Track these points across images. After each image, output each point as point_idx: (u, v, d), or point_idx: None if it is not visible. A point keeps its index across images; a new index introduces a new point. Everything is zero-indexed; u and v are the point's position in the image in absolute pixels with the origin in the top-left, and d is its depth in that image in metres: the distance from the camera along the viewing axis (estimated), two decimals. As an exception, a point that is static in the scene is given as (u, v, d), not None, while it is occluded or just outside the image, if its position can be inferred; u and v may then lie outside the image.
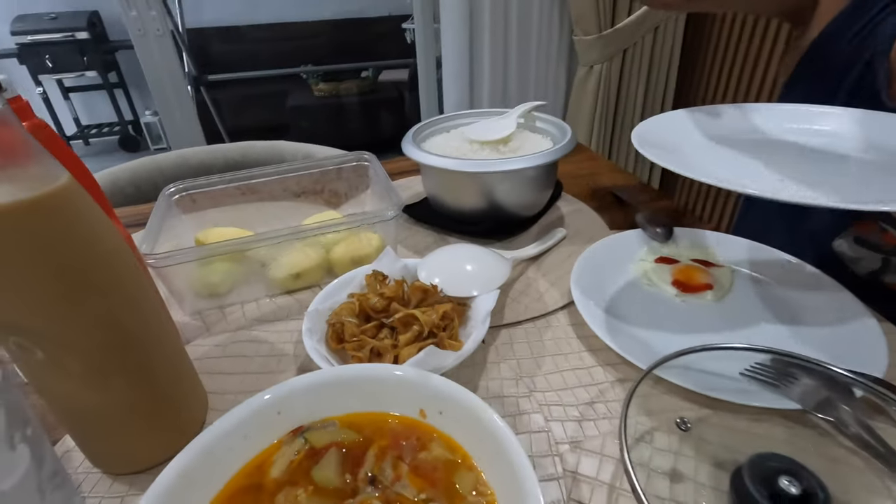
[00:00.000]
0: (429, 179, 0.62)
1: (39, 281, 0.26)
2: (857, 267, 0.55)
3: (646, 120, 0.47)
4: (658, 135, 0.44)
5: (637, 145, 0.39)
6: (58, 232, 0.26)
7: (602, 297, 0.49)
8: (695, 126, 0.48)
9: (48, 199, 0.26)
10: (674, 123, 0.47)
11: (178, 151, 0.92)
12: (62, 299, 0.26)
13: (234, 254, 0.50)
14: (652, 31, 1.45)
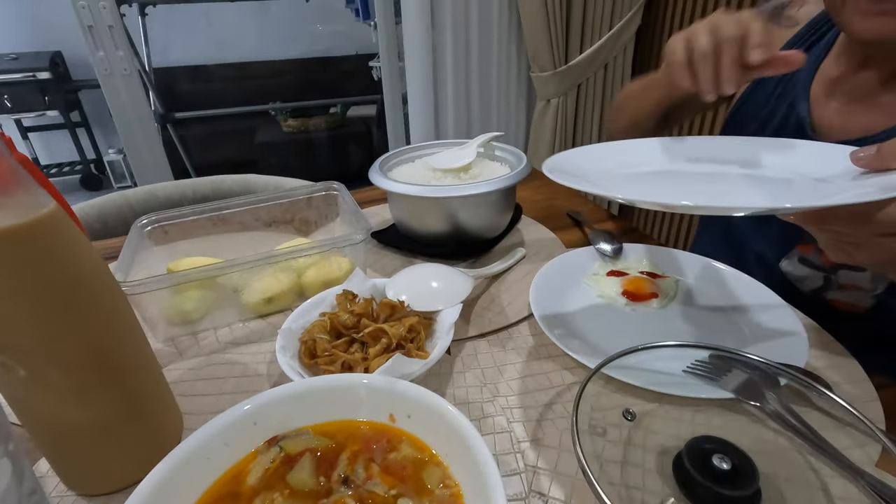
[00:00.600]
0: (395, 206, 0.66)
1: (27, 301, 0.27)
2: (803, 285, 0.60)
3: (557, 154, 0.49)
4: (569, 164, 0.46)
5: (547, 172, 0.40)
6: (45, 256, 0.28)
7: (559, 309, 0.52)
8: (602, 157, 0.50)
9: (36, 226, 0.28)
10: (584, 156, 0.49)
11: (147, 186, 0.93)
12: (48, 318, 0.28)
13: (207, 280, 0.51)
14: (602, 68, 1.56)
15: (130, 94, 1.51)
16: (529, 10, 1.39)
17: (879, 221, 0.30)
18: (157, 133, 1.71)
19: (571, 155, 0.48)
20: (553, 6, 1.38)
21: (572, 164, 0.45)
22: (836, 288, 0.56)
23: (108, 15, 1.36)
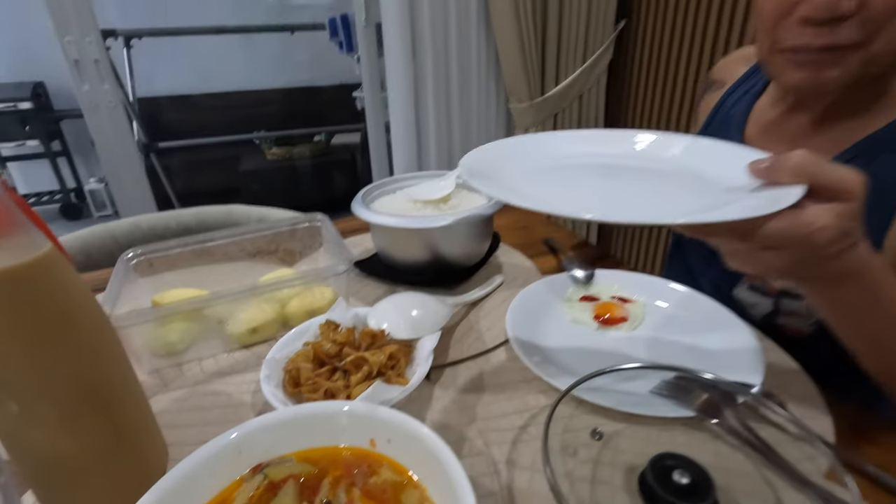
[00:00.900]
0: (377, 236, 0.68)
1: (23, 339, 0.29)
2: (755, 311, 0.63)
3: (473, 150, 0.47)
4: (486, 164, 0.44)
5: (466, 176, 0.39)
6: (41, 295, 0.29)
7: (534, 334, 0.55)
8: (522, 152, 0.48)
9: (34, 267, 0.29)
10: (502, 151, 0.48)
11: (131, 218, 0.94)
12: (41, 354, 0.29)
13: (193, 312, 0.53)
14: (577, 99, 1.63)
15: (115, 126, 1.53)
16: (506, 45, 1.45)
17: (760, 236, 0.32)
18: (140, 162, 1.72)
19: (493, 148, 0.48)
20: (528, 41, 1.45)
21: (491, 160, 0.45)
22: (784, 314, 0.60)
23: (94, 49, 1.38)
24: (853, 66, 0.45)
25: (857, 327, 0.42)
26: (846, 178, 0.32)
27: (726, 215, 0.30)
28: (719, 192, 0.37)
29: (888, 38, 0.43)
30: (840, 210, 0.31)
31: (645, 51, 1.57)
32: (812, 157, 0.32)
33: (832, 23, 0.43)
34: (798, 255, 0.33)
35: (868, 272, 0.36)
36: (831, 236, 0.31)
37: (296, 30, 3.03)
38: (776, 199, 0.31)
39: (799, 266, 0.34)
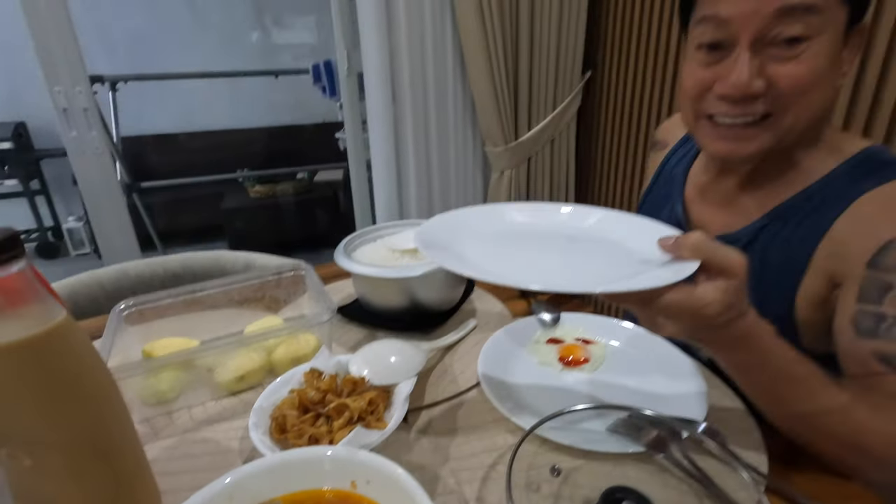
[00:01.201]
0: (358, 284, 0.73)
1: (40, 399, 0.32)
2: (701, 353, 0.68)
3: (429, 220, 0.51)
4: (440, 233, 0.49)
5: (421, 247, 0.43)
6: (57, 359, 0.33)
7: (504, 376, 0.59)
8: (473, 223, 0.53)
9: (51, 335, 0.33)
10: (455, 221, 0.52)
11: (117, 265, 0.97)
12: (55, 413, 0.33)
13: (183, 362, 0.56)
14: (549, 143, 1.73)
15: (100, 169, 1.56)
16: (481, 94, 1.55)
17: (660, 306, 0.37)
18: (123, 202, 1.74)
19: (446, 218, 0.52)
20: (501, 90, 1.55)
21: (445, 228, 0.50)
22: None
23: (83, 98, 1.43)
24: (767, 138, 0.52)
25: (751, 383, 0.48)
26: (732, 258, 0.38)
27: (633, 286, 0.36)
28: (636, 262, 0.43)
29: (795, 114, 0.51)
30: (725, 287, 0.37)
31: (610, 99, 1.68)
32: (706, 239, 0.39)
33: (745, 101, 0.50)
34: (692, 324, 0.39)
35: (756, 338, 0.42)
36: (718, 310, 0.37)
37: (280, 74, 3.13)
38: (677, 272, 0.38)
39: (694, 332, 0.41)
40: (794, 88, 0.49)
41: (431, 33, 1.50)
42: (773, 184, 0.57)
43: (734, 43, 0.50)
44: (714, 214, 0.63)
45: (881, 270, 0.48)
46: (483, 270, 0.40)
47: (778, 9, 0.46)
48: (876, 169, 0.51)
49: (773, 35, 0.48)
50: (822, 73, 0.49)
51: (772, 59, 0.49)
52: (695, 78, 0.54)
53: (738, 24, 0.48)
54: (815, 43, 0.48)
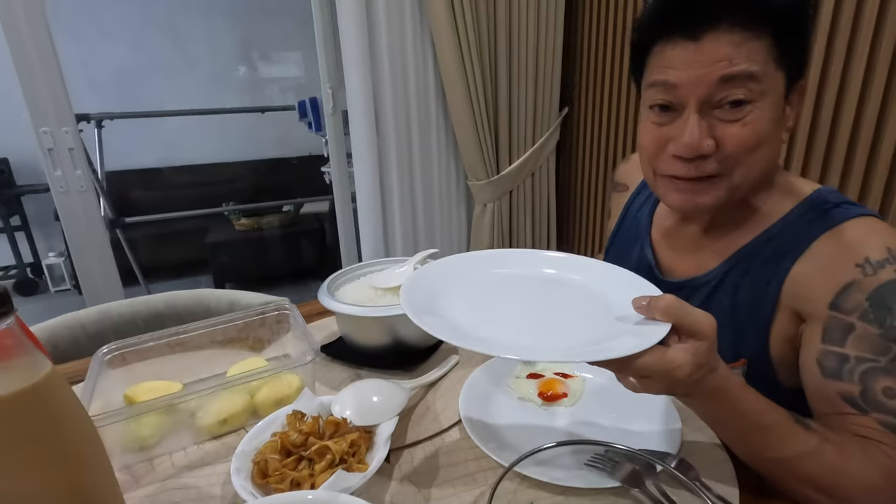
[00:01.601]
0: (342, 322, 0.74)
1: (24, 451, 0.33)
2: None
3: (411, 279, 0.50)
4: (426, 291, 0.49)
5: (412, 316, 0.43)
6: (43, 413, 0.34)
7: (484, 413, 0.60)
8: (457, 274, 0.53)
9: (38, 388, 0.34)
10: (438, 274, 0.53)
11: (100, 306, 0.97)
12: (38, 465, 0.33)
13: (165, 406, 0.56)
14: (530, 176, 1.78)
15: (83, 206, 1.56)
16: (462, 128, 1.60)
17: (633, 368, 0.39)
18: (106, 238, 1.73)
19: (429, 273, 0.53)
20: (482, 124, 1.60)
21: (428, 284, 0.50)
22: None
23: (69, 138, 1.44)
24: (720, 193, 0.55)
25: (725, 432, 0.51)
26: (701, 321, 0.41)
27: (607, 355, 0.39)
28: (614, 320, 0.45)
29: (744, 170, 0.54)
30: (695, 349, 0.40)
31: (587, 134, 1.75)
32: (677, 302, 0.41)
33: (697, 159, 0.54)
34: (665, 383, 0.41)
35: (728, 390, 0.45)
36: (688, 371, 0.40)
37: (266, 111, 3.17)
38: (647, 337, 0.40)
39: (668, 390, 0.43)
40: (741, 148, 0.53)
41: (413, 72, 1.56)
42: (735, 227, 0.61)
43: (683, 105, 0.53)
44: (682, 258, 0.66)
45: (842, 312, 0.50)
46: (470, 339, 0.41)
47: (721, 76, 0.50)
48: (828, 210, 0.55)
49: (719, 99, 0.52)
50: (766, 134, 0.52)
51: (719, 121, 0.53)
52: (650, 137, 0.57)
53: (685, 89, 0.52)
54: (758, 107, 0.51)
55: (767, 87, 0.51)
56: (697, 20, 0.50)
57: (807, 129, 1.08)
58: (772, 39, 0.50)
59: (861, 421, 0.48)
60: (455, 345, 0.41)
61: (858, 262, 0.50)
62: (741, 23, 0.49)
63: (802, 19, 0.51)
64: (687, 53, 0.51)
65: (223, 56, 3.24)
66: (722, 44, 0.50)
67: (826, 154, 1.06)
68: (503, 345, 0.42)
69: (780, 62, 0.51)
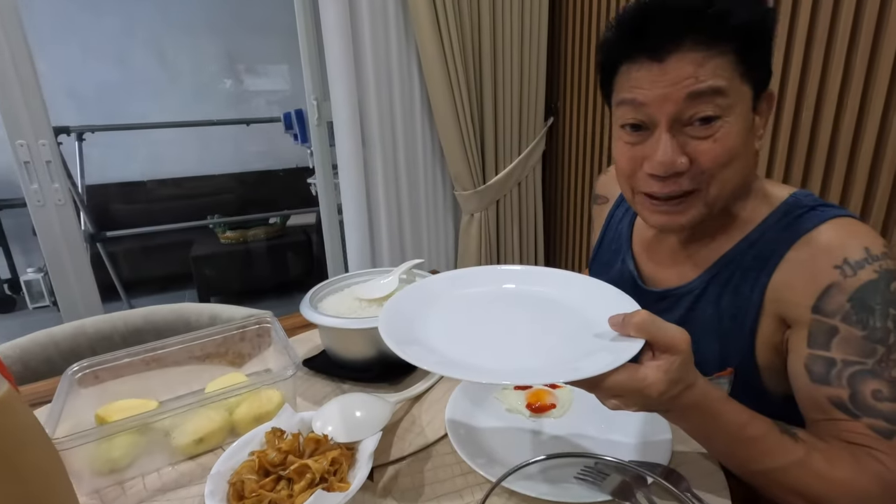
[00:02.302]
0: (324, 335, 0.72)
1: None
2: None
3: (387, 305, 0.49)
4: (406, 316, 0.48)
5: (394, 347, 0.41)
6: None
7: (472, 426, 0.59)
8: (435, 296, 0.53)
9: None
10: (417, 297, 0.52)
11: (75, 322, 0.94)
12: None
13: (138, 426, 0.54)
14: (517, 186, 1.78)
15: (61, 220, 1.52)
16: (448, 138, 1.59)
17: (605, 387, 0.39)
18: (85, 254, 1.69)
19: (402, 298, 0.51)
20: (467, 134, 1.60)
21: (405, 309, 0.49)
22: None
23: (46, 151, 1.41)
24: (698, 209, 0.55)
25: (711, 447, 0.50)
26: (674, 336, 0.40)
27: (578, 375, 0.38)
28: (591, 336, 0.44)
29: (719, 185, 0.54)
30: (668, 366, 0.39)
31: (572, 144, 1.76)
32: (650, 317, 0.40)
33: (672, 176, 0.53)
34: (639, 402, 0.41)
35: (708, 405, 0.44)
36: (662, 388, 0.39)
37: (252, 123, 3.15)
38: (620, 354, 0.39)
39: (644, 408, 0.42)
40: (714, 164, 0.53)
41: (399, 82, 1.55)
42: (715, 236, 0.60)
43: (654, 124, 0.53)
44: (664, 268, 0.66)
45: (825, 315, 0.50)
46: (451, 367, 0.41)
47: (689, 93, 0.50)
48: (804, 214, 0.55)
49: (689, 116, 0.51)
50: (737, 147, 0.52)
51: (690, 138, 0.52)
52: (625, 157, 0.57)
53: (654, 107, 0.52)
54: (727, 121, 0.51)
55: (734, 101, 0.51)
56: (660, 41, 0.50)
57: (788, 134, 1.09)
58: (735, 55, 0.50)
59: (852, 427, 0.48)
60: (440, 374, 0.41)
61: (837, 264, 0.50)
62: (703, 41, 0.49)
63: (763, 34, 0.52)
64: (652, 74, 0.51)
65: (209, 69, 3.22)
66: (686, 62, 0.50)
67: (807, 158, 1.07)
68: (478, 370, 0.41)
69: (745, 76, 0.51)
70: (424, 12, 1.44)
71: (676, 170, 0.52)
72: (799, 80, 1.05)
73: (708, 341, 0.60)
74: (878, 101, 0.94)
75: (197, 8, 3.05)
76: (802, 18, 1.02)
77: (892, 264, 0.50)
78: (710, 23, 0.49)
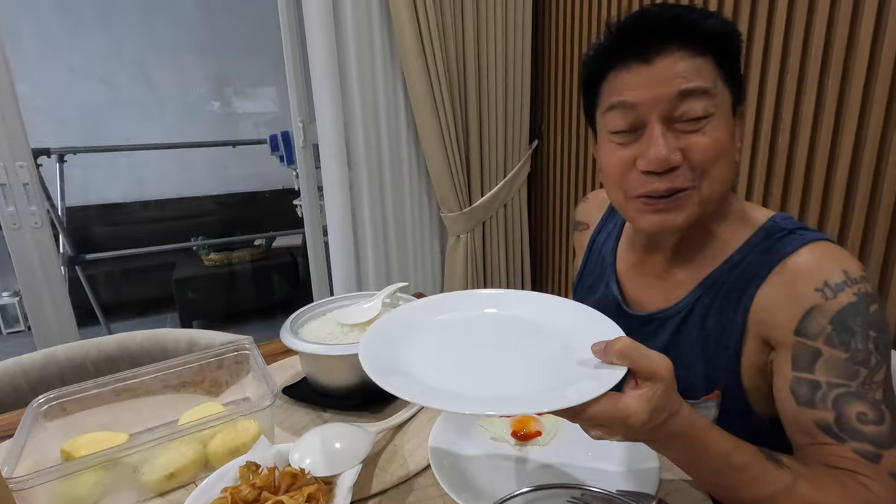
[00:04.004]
0: (305, 363, 0.70)
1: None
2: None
3: (368, 335, 0.48)
4: (387, 344, 0.47)
5: (377, 379, 0.41)
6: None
7: (456, 457, 0.57)
8: (416, 321, 0.52)
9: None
10: (398, 324, 0.51)
11: (45, 350, 0.90)
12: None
13: (106, 461, 0.51)
14: (503, 207, 1.79)
15: (37, 243, 1.48)
16: (434, 160, 1.60)
17: (586, 417, 0.38)
18: (61, 278, 1.65)
19: (380, 327, 0.51)
20: (453, 157, 1.61)
21: (385, 336, 0.49)
22: None
23: (24, 173, 1.39)
24: (693, 209, 0.55)
25: (696, 474, 0.49)
26: (657, 363, 0.40)
27: (559, 405, 0.37)
28: (573, 363, 0.43)
29: (712, 180, 0.54)
30: (651, 395, 0.39)
31: (557, 166, 1.78)
32: (632, 344, 0.40)
33: (667, 172, 0.54)
34: (622, 432, 0.40)
35: (692, 434, 0.43)
36: (644, 418, 0.38)
37: (238, 145, 3.15)
38: (602, 382, 0.39)
39: (628, 438, 0.41)
40: (706, 157, 0.53)
41: (384, 105, 1.56)
42: (698, 257, 0.61)
43: (645, 124, 0.54)
44: (649, 291, 0.66)
45: (807, 338, 0.50)
46: (436, 397, 0.40)
47: (679, 92, 0.52)
48: (784, 237, 0.55)
49: (679, 114, 0.53)
50: (724, 144, 0.54)
51: (681, 133, 0.54)
52: (615, 158, 0.57)
53: (645, 107, 0.53)
54: (714, 119, 0.53)
55: (719, 102, 0.53)
56: (648, 43, 0.53)
57: (765, 158, 1.11)
58: (714, 60, 0.53)
59: (839, 451, 0.47)
60: (424, 405, 0.41)
61: (818, 287, 0.50)
62: (687, 46, 0.52)
63: (734, 46, 0.55)
64: (641, 75, 0.53)
65: (196, 91, 3.22)
66: (673, 62, 0.52)
67: (785, 182, 1.09)
68: (461, 400, 0.40)
69: (725, 81, 0.54)
70: (409, 36, 1.46)
71: (671, 164, 0.53)
72: (774, 105, 1.08)
73: (695, 364, 0.60)
74: (851, 123, 0.96)
75: (185, 29, 3.06)
76: (776, 45, 1.05)
77: (869, 287, 0.50)
78: (692, 27, 0.52)
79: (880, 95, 0.92)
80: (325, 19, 1.42)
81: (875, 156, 0.94)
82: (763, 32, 1.07)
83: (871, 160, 0.95)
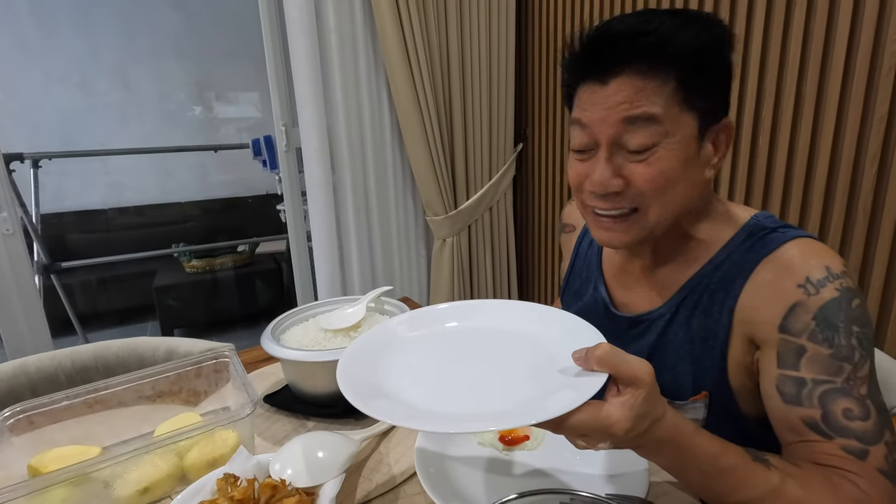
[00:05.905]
0: (287, 370, 0.68)
1: None
2: None
3: (345, 356, 0.47)
4: (367, 363, 0.47)
5: (358, 404, 0.40)
6: None
7: (443, 463, 0.56)
8: (398, 337, 0.51)
9: None
10: (378, 340, 0.51)
11: (16, 361, 0.86)
12: None
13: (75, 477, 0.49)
14: (488, 210, 1.78)
15: (10, 252, 1.44)
16: (418, 164, 1.59)
17: (568, 427, 0.38)
18: (34, 288, 1.59)
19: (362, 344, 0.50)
20: (438, 160, 1.60)
21: (366, 354, 0.48)
22: None
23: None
24: (637, 231, 0.55)
25: (685, 479, 0.48)
26: (638, 368, 0.39)
27: (540, 417, 0.36)
28: (556, 373, 0.43)
29: (658, 208, 0.54)
30: (633, 401, 0.38)
31: (541, 169, 1.78)
32: (613, 350, 0.39)
33: (610, 196, 0.54)
34: (606, 440, 0.39)
35: (678, 439, 0.43)
36: (627, 426, 0.38)
37: (220, 149, 3.10)
38: (587, 385, 0.38)
39: (612, 446, 0.41)
40: (649, 186, 0.53)
41: (368, 109, 1.55)
42: (681, 258, 0.60)
43: (597, 145, 0.54)
44: (635, 293, 0.65)
45: (792, 335, 0.50)
46: (420, 418, 0.39)
47: (623, 118, 0.51)
48: (766, 235, 0.55)
49: (625, 141, 0.52)
50: (673, 173, 0.53)
51: (627, 161, 0.53)
52: (574, 172, 0.58)
53: (595, 128, 0.53)
54: (662, 146, 0.52)
55: (671, 129, 0.51)
56: (606, 65, 0.52)
57: (746, 160, 1.12)
58: (676, 83, 0.51)
59: (826, 448, 0.47)
60: (409, 427, 0.39)
61: (800, 283, 0.51)
62: (644, 69, 0.50)
63: (707, 62, 0.52)
64: (595, 96, 0.53)
65: (177, 96, 3.17)
66: (625, 87, 0.51)
67: (766, 183, 1.11)
68: (445, 418, 0.40)
69: (686, 104, 0.52)
70: (393, 39, 1.45)
71: (611, 189, 0.53)
72: (754, 108, 1.09)
73: (682, 365, 0.59)
74: (829, 125, 0.98)
75: (165, 33, 3.01)
76: (755, 47, 1.07)
77: (851, 282, 0.51)
78: (650, 50, 0.50)
79: (857, 95, 0.94)
80: (307, 23, 1.40)
81: (853, 154, 0.96)
82: (742, 35, 1.09)
83: (850, 158, 0.96)
